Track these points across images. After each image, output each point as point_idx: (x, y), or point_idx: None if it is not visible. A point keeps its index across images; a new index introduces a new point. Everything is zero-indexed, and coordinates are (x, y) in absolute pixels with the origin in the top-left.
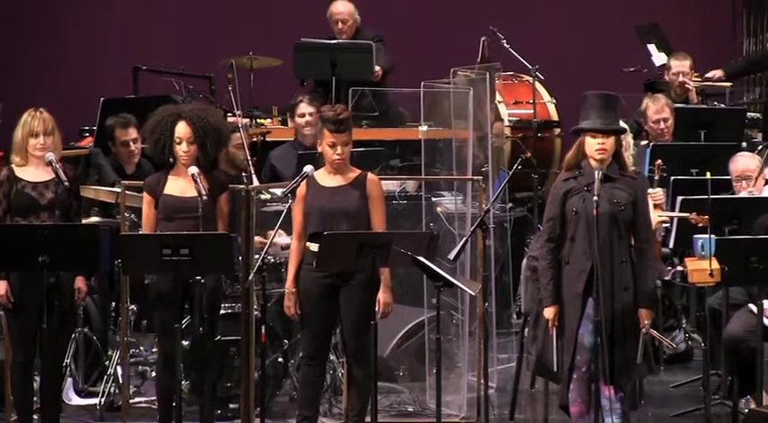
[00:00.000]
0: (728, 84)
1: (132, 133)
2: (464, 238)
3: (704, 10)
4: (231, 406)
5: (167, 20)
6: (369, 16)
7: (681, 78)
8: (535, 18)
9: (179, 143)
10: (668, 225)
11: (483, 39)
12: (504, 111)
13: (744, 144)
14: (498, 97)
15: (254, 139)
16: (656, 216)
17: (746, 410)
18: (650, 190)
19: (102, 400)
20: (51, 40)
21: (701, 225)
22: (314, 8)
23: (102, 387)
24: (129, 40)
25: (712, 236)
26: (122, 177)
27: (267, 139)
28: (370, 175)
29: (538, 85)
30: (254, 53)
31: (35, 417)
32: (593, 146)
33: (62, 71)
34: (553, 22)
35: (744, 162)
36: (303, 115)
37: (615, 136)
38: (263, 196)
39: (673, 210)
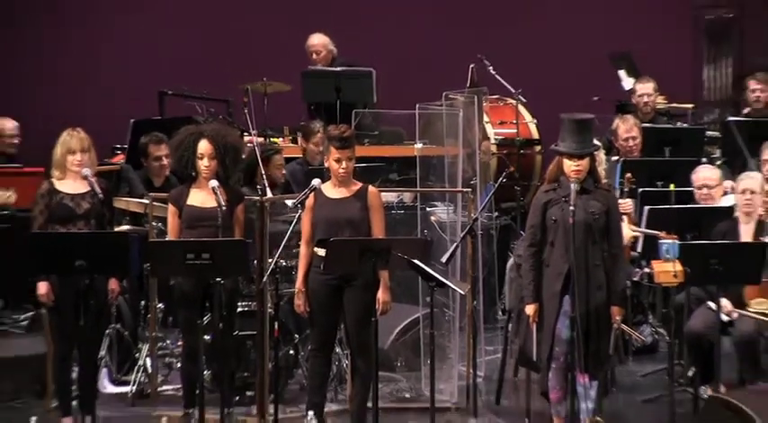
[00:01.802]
0: (690, 105)
1: (164, 150)
2: (455, 244)
3: (670, 39)
4: (248, 393)
5: (189, 49)
6: (370, 46)
7: (645, 99)
8: (518, 47)
9: (201, 159)
10: (638, 236)
11: (472, 66)
12: (490, 130)
13: (704, 159)
14: (485, 118)
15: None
16: (629, 232)
17: (706, 396)
18: (620, 200)
19: (134, 388)
20: (84, 67)
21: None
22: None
23: (133, 377)
24: (154, 66)
25: (676, 241)
26: (151, 190)
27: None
28: (371, 188)
29: (521, 107)
30: (268, 79)
31: (74, 403)
32: (570, 166)
33: (93, 94)
34: (535, 51)
35: (704, 174)
36: (317, 143)
37: (590, 157)
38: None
39: (640, 218)
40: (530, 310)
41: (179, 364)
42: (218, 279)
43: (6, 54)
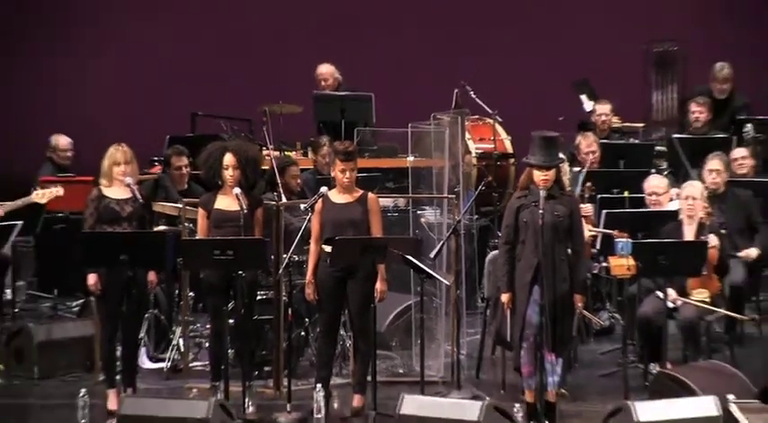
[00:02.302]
0: (641, 124)
1: (184, 161)
2: (441, 242)
3: (624, 68)
4: (265, 369)
5: (216, 75)
6: (369, 73)
7: (603, 119)
8: (495, 75)
9: (226, 169)
10: (597, 235)
11: (456, 91)
12: (471, 145)
13: (653, 170)
14: (467, 135)
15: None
16: (588, 231)
17: (654, 372)
18: (582, 205)
19: (168, 364)
20: (126, 90)
21: (623, 237)
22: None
23: (168, 354)
24: (187, 89)
25: (629, 240)
26: (170, 198)
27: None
28: (370, 194)
29: (497, 126)
30: (283, 102)
31: (117, 377)
32: (539, 176)
33: (135, 113)
34: (509, 78)
35: (653, 182)
36: (324, 156)
37: (556, 168)
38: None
39: (599, 220)
40: (505, 298)
41: (207, 344)
42: (240, 272)
43: (59, 79)
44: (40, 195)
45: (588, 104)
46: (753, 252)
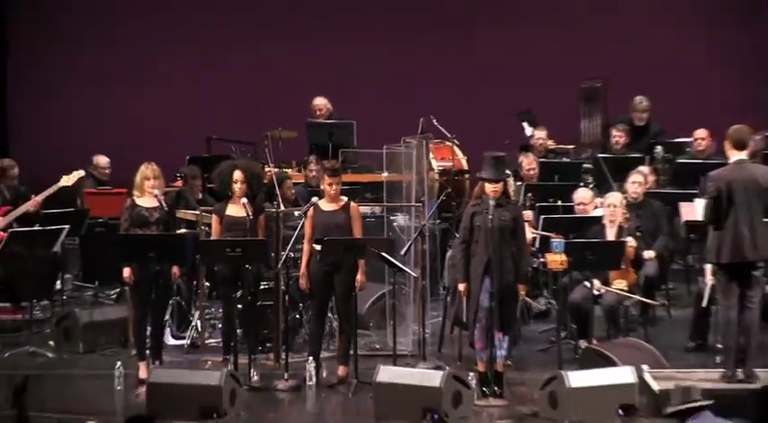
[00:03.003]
0: (572, 146)
1: (198, 178)
2: (410, 242)
3: (557, 100)
4: (267, 345)
5: (227, 107)
6: (354, 104)
7: (540, 142)
8: (453, 105)
9: (235, 183)
10: (536, 236)
11: (422, 119)
12: (434, 163)
13: (581, 184)
14: (431, 155)
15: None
16: (529, 233)
17: (583, 347)
18: (524, 211)
19: (188, 341)
20: (156, 117)
21: (557, 238)
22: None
23: (188, 333)
24: (203, 118)
25: (562, 240)
26: (190, 206)
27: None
28: (352, 203)
29: (455, 148)
30: (282, 128)
31: (147, 352)
32: (489, 188)
33: (161, 136)
34: (464, 109)
35: (581, 194)
36: (312, 170)
37: (503, 182)
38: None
39: (538, 224)
40: (461, 287)
41: (219, 325)
42: (246, 266)
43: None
44: (67, 179)
45: (529, 130)
46: (650, 253)
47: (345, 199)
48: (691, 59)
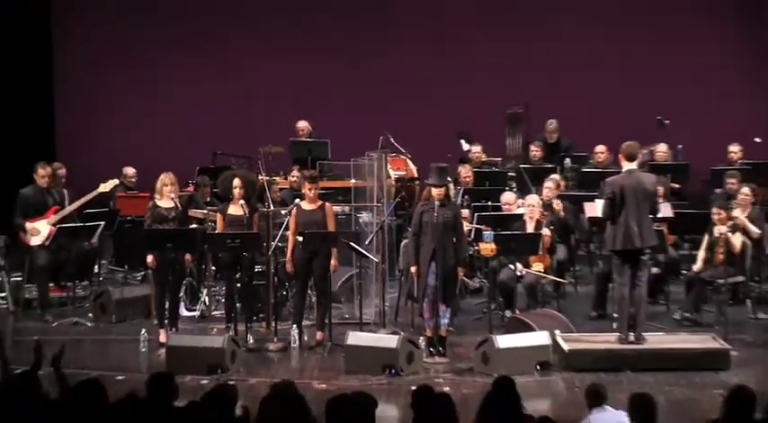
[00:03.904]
0: (499, 159)
1: (206, 185)
2: (372, 234)
3: (488, 123)
4: (260, 315)
5: (229, 128)
6: (327, 126)
7: (475, 155)
8: (406, 124)
9: (235, 188)
10: (471, 229)
11: (381, 137)
12: (391, 172)
13: (507, 188)
14: (388, 166)
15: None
16: (466, 227)
17: (508, 316)
18: (462, 210)
19: (198, 313)
20: (173, 135)
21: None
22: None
23: (198, 306)
24: (210, 137)
25: (492, 232)
26: (199, 207)
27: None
28: (327, 203)
29: (408, 160)
30: (271, 145)
31: (166, 321)
32: (435, 192)
33: (173, 151)
34: (415, 127)
35: (507, 196)
36: (294, 177)
37: (445, 187)
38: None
39: (473, 220)
40: (413, 269)
41: (223, 300)
42: (244, 253)
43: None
44: (104, 186)
45: (466, 146)
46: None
47: (321, 201)
48: (595, 87)
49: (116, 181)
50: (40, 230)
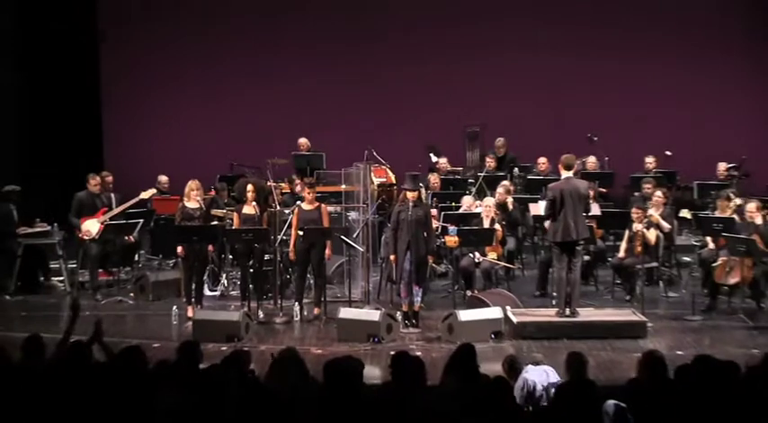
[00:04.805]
0: (461, 168)
1: (225, 189)
2: (359, 229)
3: (450, 139)
4: (269, 295)
5: (243, 144)
6: (323, 142)
7: (442, 166)
8: (386, 141)
9: (248, 192)
10: (439, 225)
11: (366, 152)
12: (374, 179)
13: (467, 192)
14: (372, 174)
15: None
16: (435, 223)
17: (469, 294)
18: (432, 210)
19: (219, 293)
20: (197, 150)
21: (452, 226)
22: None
23: (219, 288)
24: (228, 150)
25: (455, 227)
26: (219, 207)
27: (282, 191)
28: (323, 205)
29: (388, 169)
30: (277, 157)
31: (192, 299)
32: (409, 195)
33: (198, 162)
34: (393, 144)
35: (467, 199)
36: (297, 185)
37: (418, 191)
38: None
39: (440, 218)
40: (392, 257)
41: (239, 282)
42: (255, 245)
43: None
44: (145, 194)
45: (434, 158)
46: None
47: (318, 202)
48: (537, 108)
49: (153, 190)
50: (91, 228)
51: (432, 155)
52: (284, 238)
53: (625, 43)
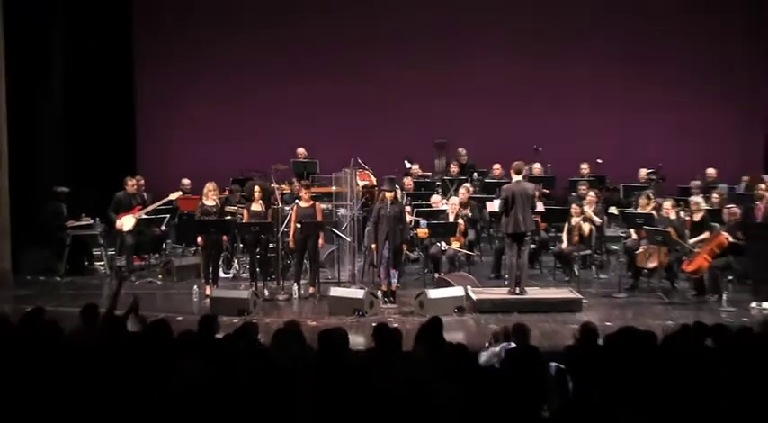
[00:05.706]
0: (430, 173)
1: (236, 191)
2: (346, 223)
3: (422, 148)
4: (273, 277)
5: (251, 151)
6: (319, 151)
7: (415, 171)
8: (369, 151)
9: (256, 192)
10: (412, 220)
11: (352, 159)
12: (359, 182)
13: (435, 193)
14: (357, 177)
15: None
16: (408, 218)
17: (437, 276)
18: (406, 207)
19: (231, 275)
20: (211, 157)
21: (423, 220)
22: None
23: (231, 271)
24: (238, 157)
25: (426, 221)
26: (231, 204)
27: (284, 192)
28: (317, 203)
29: (370, 173)
30: (279, 163)
31: (210, 280)
32: (387, 195)
33: (214, 167)
34: (375, 153)
35: (435, 198)
36: (295, 185)
37: (394, 191)
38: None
39: (413, 213)
40: (373, 246)
41: (248, 266)
42: (262, 235)
43: (185, 149)
44: (173, 195)
45: (408, 165)
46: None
47: (313, 201)
48: (494, 121)
49: (179, 192)
50: (126, 223)
51: (407, 162)
52: (285, 230)
53: (564, 63)
